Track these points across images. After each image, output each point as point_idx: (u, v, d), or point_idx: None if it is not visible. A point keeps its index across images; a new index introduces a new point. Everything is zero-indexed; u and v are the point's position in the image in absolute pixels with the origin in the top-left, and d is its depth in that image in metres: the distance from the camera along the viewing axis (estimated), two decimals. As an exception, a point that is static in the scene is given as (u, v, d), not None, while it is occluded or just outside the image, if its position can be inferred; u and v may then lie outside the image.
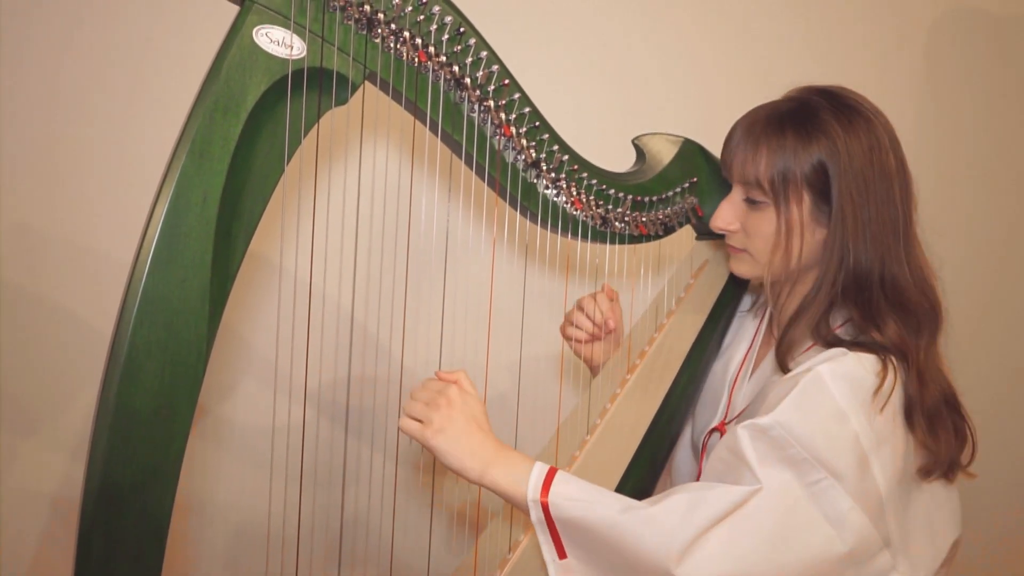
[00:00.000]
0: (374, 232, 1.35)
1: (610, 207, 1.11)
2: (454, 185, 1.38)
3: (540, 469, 0.92)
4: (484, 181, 1.03)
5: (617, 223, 1.13)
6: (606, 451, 1.08)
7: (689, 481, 1.05)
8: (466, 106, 0.97)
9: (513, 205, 1.06)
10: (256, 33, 0.83)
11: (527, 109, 1.00)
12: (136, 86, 1.44)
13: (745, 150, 1.02)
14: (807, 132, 0.98)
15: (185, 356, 0.81)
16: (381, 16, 0.88)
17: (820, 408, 0.91)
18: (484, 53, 0.95)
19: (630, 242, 1.16)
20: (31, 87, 1.41)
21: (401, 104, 0.95)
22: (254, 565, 1.58)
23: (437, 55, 0.93)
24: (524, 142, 1.02)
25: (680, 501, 0.89)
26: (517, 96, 0.99)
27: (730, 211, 1.06)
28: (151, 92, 1.44)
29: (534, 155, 1.03)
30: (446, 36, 0.93)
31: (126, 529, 0.81)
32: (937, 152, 1.83)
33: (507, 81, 0.97)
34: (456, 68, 0.94)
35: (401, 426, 0.94)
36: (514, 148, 1.02)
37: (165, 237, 0.80)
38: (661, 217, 1.17)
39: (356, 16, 0.87)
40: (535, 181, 1.06)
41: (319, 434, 1.52)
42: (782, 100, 1.05)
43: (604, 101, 1.64)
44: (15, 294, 1.43)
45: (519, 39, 1.54)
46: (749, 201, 1.04)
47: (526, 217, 1.09)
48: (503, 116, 0.99)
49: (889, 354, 0.95)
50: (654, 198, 1.15)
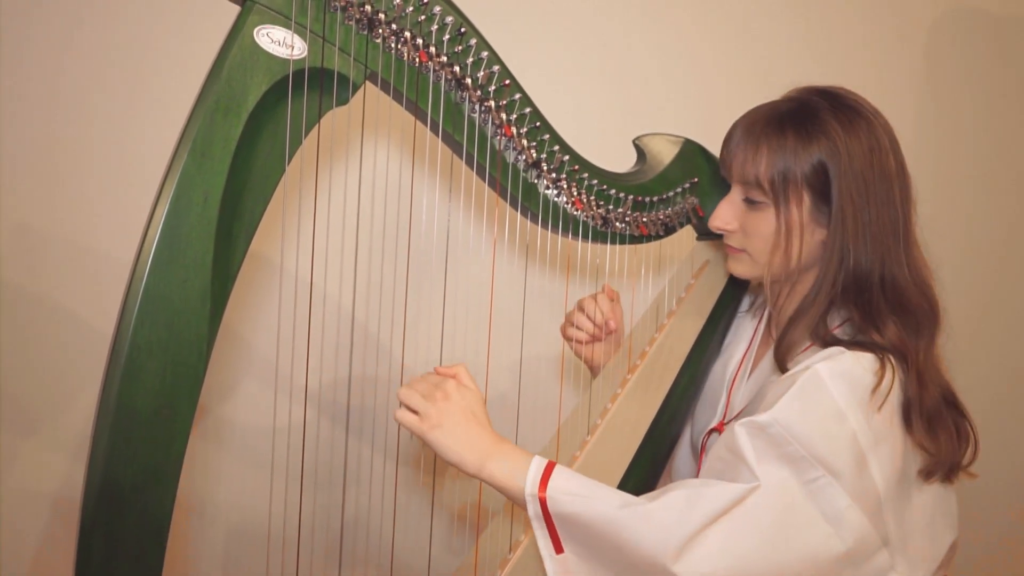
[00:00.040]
0: (375, 232, 1.35)
1: (611, 207, 1.11)
2: (455, 185, 1.37)
3: (538, 463, 0.92)
4: (485, 181, 1.03)
5: (618, 223, 1.13)
6: (607, 451, 1.08)
7: (689, 481, 1.05)
8: (467, 106, 0.97)
9: (514, 205, 1.06)
10: (257, 33, 0.83)
11: (528, 109, 1.00)
12: (136, 86, 1.44)
13: (745, 150, 1.02)
14: (808, 132, 0.98)
15: (186, 356, 0.81)
16: (382, 16, 0.88)
17: (818, 406, 0.91)
18: (485, 53, 0.95)
19: (631, 242, 1.16)
20: (31, 87, 1.41)
21: (402, 104, 0.95)
22: (254, 565, 1.58)
23: (438, 55, 0.93)
24: (525, 142, 1.02)
25: (678, 498, 0.89)
26: (518, 96, 0.99)
27: (729, 211, 1.06)
28: (151, 92, 1.44)
29: (535, 155, 1.03)
30: (447, 36, 0.93)
31: (127, 529, 0.81)
32: (937, 152, 1.83)
33: (508, 81, 0.97)
34: (457, 68, 0.94)
35: (399, 418, 0.93)
36: (515, 148, 1.02)
37: (166, 237, 0.80)
38: (662, 217, 1.17)
39: (357, 16, 0.87)
40: (536, 181, 1.06)
41: (319, 434, 1.52)
42: (782, 100, 1.05)
43: (604, 101, 1.64)
44: (15, 294, 1.43)
45: (519, 39, 1.54)
46: (748, 201, 1.04)
47: (527, 217, 1.09)
48: (504, 116, 0.99)
49: (887, 353, 0.95)
50: (655, 198, 1.15)
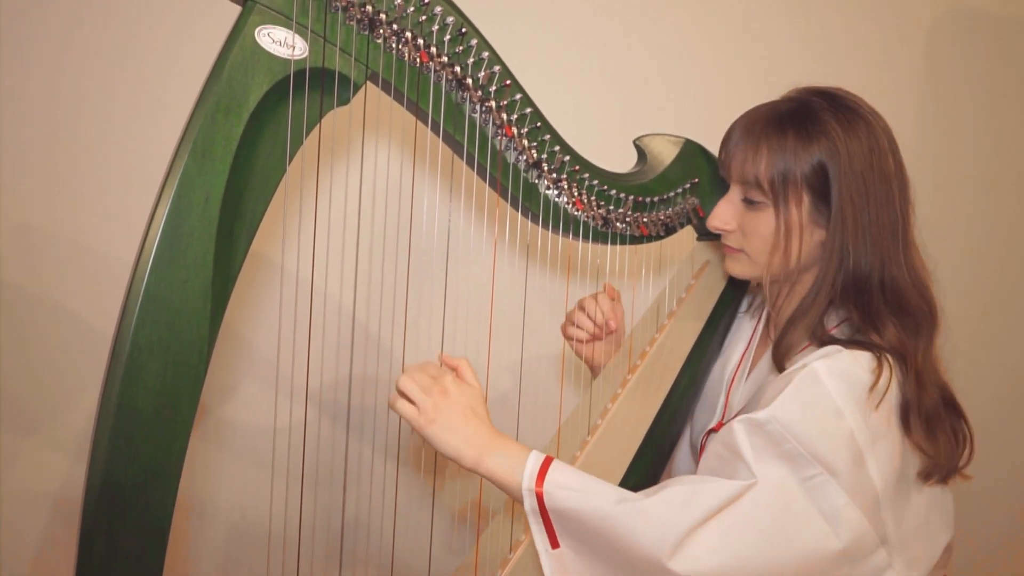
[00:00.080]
0: (375, 233, 1.35)
1: (611, 208, 1.11)
2: (455, 186, 1.38)
3: (536, 458, 0.92)
4: (486, 182, 1.03)
5: (618, 223, 1.13)
6: (607, 451, 1.08)
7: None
8: (468, 107, 0.97)
9: (515, 206, 1.06)
10: (258, 33, 0.83)
11: (528, 110, 1.00)
12: (137, 86, 1.44)
13: (745, 150, 1.01)
14: (808, 133, 0.98)
15: (187, 356, 0.81)
16: (383, 16, 0.88)
17: (815, 404, 0.91)
18: (486, 54, 0.95)
19: (631, 243, 1.16)
20: (31, 87, 1.41)
21: (403, 105, 0.95)
22: (255, 565, 1.58)
23: (439, 56, 0.93)
24: (526, 143, 1.02)
25: (675, 494, 0.89)
26: (519, 97, 0.99)
27: (728, 211, 1.06)
28: (152, 92, 1.44)
29: (535, 156, 1.03)
30: (448, 37, 0.93)
31: (127, 529, 0.81)
32: (937, 152, 1.83)
33: (509, 82, 0.97)
34: (458, 69, 0.94)
35: (399, 408, 0.93)
36: (516, 149, 1.02)
37: (167, 237, 0.80)
38: (662, 218, 1.17)
39: (358, 16, 0.87)
40: (536, 182, 1.06)
41: (320, 434, 1.52)
42: (781, 100, 1.05)
43: (604, 101, 1.64)
44: (15, 294, 1.43)
45: (519, 39, 1.54)
46: (747, 201, 1.03)
47: (527, 218, 1.09)
48: (505, 117, 0.99)
49: (884, 352, 0.95)
50: (655, 199, 1.15)
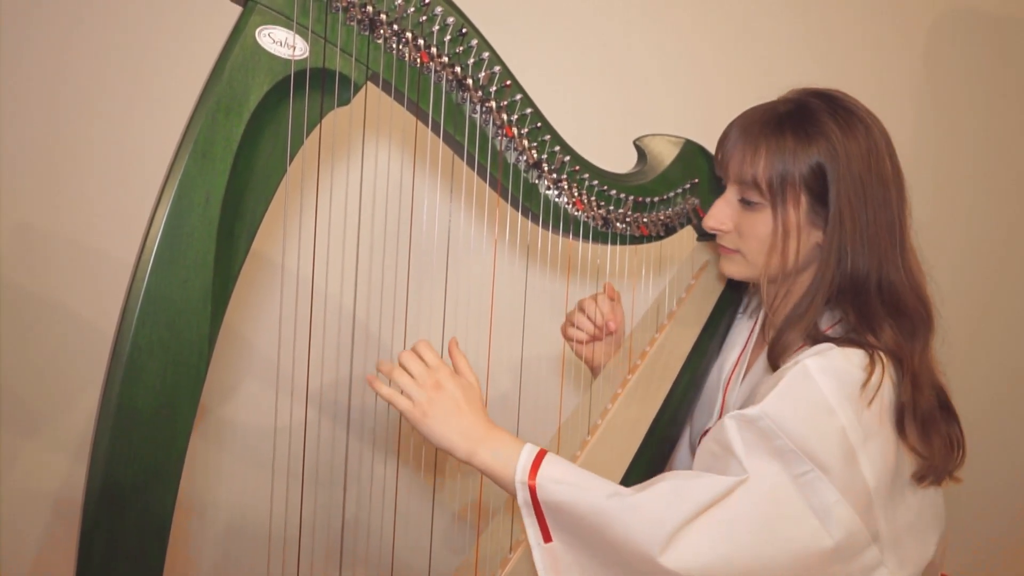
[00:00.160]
0: (376, 233, 1.34)
1: (611, 208, 1.11)
2: (456, 186, 1.38)
3: (529, 451, 0.92)
4: (486, 182, 1.03)
5: (618, 224, 1.13)
6: (607, 451, 1.08)
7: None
8: (468, 107, 0.97)
9: (515, 206, 1.06)
10: (259, 34, 0.83)
11: (529, 110, 1.00)
12: (137, 86, 1.44)
13: (743, 150, 1.01)
14: (807, 134, 0.98)
15: (187, 356, 0.82)
16: (383, 17, 0.88)
17: (807, 401, 0.91)
18: (486, 54, 0.95)
19: (631, 243, 1.16)
20: (31, 87, 1.41)
21: (403, 105, 0.95)
22: (255, 565, 1.58)
23: (439, 56, 0.93)
24: (526, 143, 1.02)
25: (666, 489, 0.89)
26: (519, 97, 0.99)
27: (725, 211, 1.06)
28: (152, 92, 1.44)
29: (536, 156, 1.03)
30: (448, 37, 0.93)
31: (128, 529, 0.81)
32: (937, 152, 1.83)
33: (509, 82, 0.97)
34: (458, 69, 0.94)
35: (393, 400, 0.92)
36: (516, 149, 1.02)
37: (168, 237, 0.80)
38: (662, 218, 1.17)
39: (359, 17, 0.88)
40: (537, 182, 1.06)
41: (320, 434, 1.52)
42: (779, 101, 1.04)
43: (604, 101, 1.64)
44: (16, 294, 1.43)
45: (519, 39, 1.54)
46: (744, 202, 1.03)
47: (528, 218, 1.09)
48: (505, 117, 0.99)
49: (877, 349, 0.95)
50: (655, 199, 1.15)
